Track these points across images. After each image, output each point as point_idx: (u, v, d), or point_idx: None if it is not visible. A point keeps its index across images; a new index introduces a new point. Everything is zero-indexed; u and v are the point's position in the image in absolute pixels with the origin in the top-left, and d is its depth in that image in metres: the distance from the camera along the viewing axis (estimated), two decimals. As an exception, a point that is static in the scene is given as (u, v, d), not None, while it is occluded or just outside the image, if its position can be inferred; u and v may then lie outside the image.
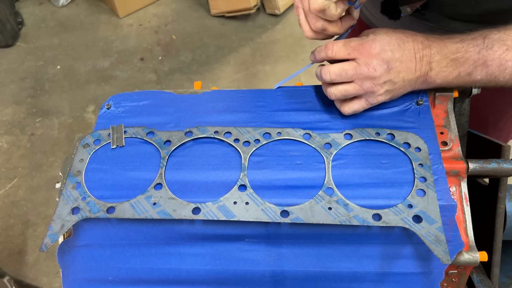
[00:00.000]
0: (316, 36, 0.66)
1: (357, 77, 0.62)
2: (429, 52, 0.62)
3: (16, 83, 2.35)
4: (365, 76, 0.61)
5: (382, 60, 0.61)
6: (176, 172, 0.64)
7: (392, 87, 0.63)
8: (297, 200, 0.60)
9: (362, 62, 0.61)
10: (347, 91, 0.64)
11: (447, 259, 0.54)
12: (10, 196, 1.91)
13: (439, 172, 0.61)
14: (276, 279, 0.62)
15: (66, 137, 2.11)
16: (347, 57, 0.62)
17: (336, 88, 0.64)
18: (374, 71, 0.61)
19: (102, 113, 0.74)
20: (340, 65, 0.63)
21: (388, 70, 0.61)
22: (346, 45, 0.62)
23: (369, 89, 0.62)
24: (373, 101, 0.64)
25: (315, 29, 0.64)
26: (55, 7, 2.75)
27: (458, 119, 0.73)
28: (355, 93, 0.64)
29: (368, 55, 0.61)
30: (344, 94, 0.64)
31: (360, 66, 0.61)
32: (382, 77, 0.61)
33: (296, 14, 0.67)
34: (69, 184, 0.64)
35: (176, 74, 2.36)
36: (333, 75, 0.63)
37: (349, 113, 0.66)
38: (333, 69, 0.63)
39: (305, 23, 0.65)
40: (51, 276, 1.69)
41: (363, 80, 0.62)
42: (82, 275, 0.63)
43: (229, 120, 0.70)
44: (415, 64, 0.62)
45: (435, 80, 0.63)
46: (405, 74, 0.62)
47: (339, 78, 0.63)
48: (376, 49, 0.61)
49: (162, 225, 0.62)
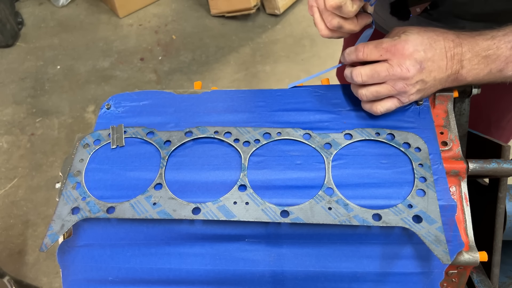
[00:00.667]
0: (331, 35, 0.65)
1: (389, 78, 0.61)
2: (460, 50, 0.62)
3: (16, 83, 2.35)
4: (398, 77, 0.61)
5: (415, 61, 0.60)
6: (176, 172, 0.64)
7: (423, 86, 0.63)
8: (297, 200, 0.60)
9: (395, 63, 0.61)
10: (379, 92, 0.63)
11: (447, 259, 0.54)
12: (10, 196, 1.91)
13: (439, 172, 0.61)
14: (276, 279, 0.62)
15: (66, 137, 2.11)
16: (379, 58, 0.62)
17: (367, 90, 0.64)
18: (407, 72, 0.60)
19: (102, 113, 0.74)
20: (372, 67, 0.62)
21: (421, 70, 0.61)
22: (378, 46, 0.62)
23: (401, 90, 0.62)
24: (405, 100, 0.64)
25: (331, 27, 0.64)
26: (55, 7, 2.75)
27: (458, 119, 0.73)
28: (387, 94, 0.63)
29: (401, 56, 0.60)
30: (375, 95, 0.64)
31: (393, 67, 0.61)
32: (414, 77, 0.61)
33: (310, 14, 0.66)
34: (69, 184, 0.64)
35: (176, 74, 2.36)
36: (365, 77, 0.63)
37: (382, 112, 0.65)
38: (365, 71, 0.63)
39: (320, 22, 0.64)
40: (51, 276, 1.69)
41: (396, 81, 0.61)
42: (82, 275, 0.63)
43: (229, 120, 0.70)
44: (446, 62, 0.62)
45: (466, 78, 0.63)
46: (436, 73, 0.62)
47: (371, 80, 0.63)
48: (409, 50, 0.60)
49: (162, 225, 0.62)
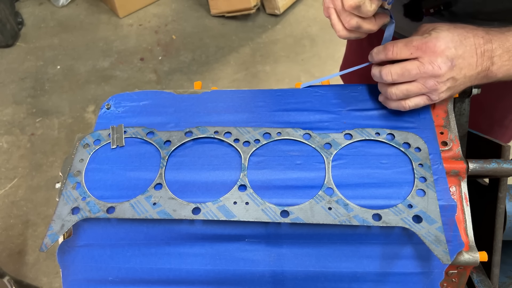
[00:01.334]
0: (349, 35, 0.65)
1: (420, 76, 0.61)
2: (490, 47, 0.61)
3: (16, 83, 2.35)
4: (429, 75, 0.60)
5: (446, 58, 0.60)
6: (176, 172, 0.64)
7: (453, 84, 0.62)
8: (297, 200, 0.60)
9: (426, 61, 0.60)
10: (409, 90, 0.62)
11: (447, 259, 0.54)
12: (10, 196, 1.91)
13: (439, 172, 0.61)
14: (276, 279, 0.62)
15: (66, 137, 2.11)
16: (409, 56, 0.61)
17: (397, 88, 0.63)
18: (438, 69, 0.60)
19: (102, 113, 0.74)
20: (402, 65, 0.61)
21: (452, 67, 0.60)
22: (408, 44, 0.61)
23: (432, 87, 0.61)
24: (435, 98, 0.63)
25: (349, 27, 0.63)
26: (55, 7, 2.75)
27: (458, 119, 0.73)
28: (417, 92, 0.62)
29: (432, 53, 0.60)
30: (406, 94, 0.63)
31: (424, 65, 0.60)
32: (445, 74, 0.60)
33: (325, 16, 0.66)
34: (69, 184, 0.64)
35: (176, 74, 2.36)
36: (395, 76, 0.62)
37: (411, 107, 0.65)
38: (395, 70, 0.62)
39: (338, 22, 0.64)
40: (51, 276, 1.69)
41: (427, 79, 0.61)
42: (82, 275, 0.63)
43: (229, 120, 0.70)
44: (476, 59, 0.61)
45: (496, 75, 0.62)
46: (466, 70, 0.61)
47: (401, 79, 0.62)
48: (441, 47, 0.60)
49: (162, 225, 0.62)
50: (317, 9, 2.64)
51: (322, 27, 2.54)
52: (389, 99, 0.66)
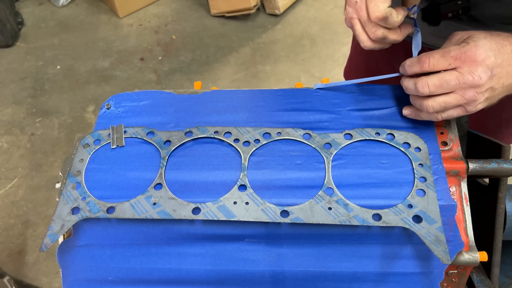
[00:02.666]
0: (374, 46, 0.64)
1: (459, 87, 0.58)
2: None
3: (16, 83, 2.35)
4: (469, 85, 0.58)
5: (486, 67, 0.57)
6: (176, 172, 0.64)
7: (492, 94, 0.60)
8: (297, 200, 0.60)
9: (466, 71, 0.57)
10: (446, 102, 0.59)
11: (447, 259, 0.54)
12: (10, 196, 1.91)
13: (439, 172, 0.61)
14: (276, 279, 0.62)
15: (66, 137, 2.11)
16: (447, 67, 0.59)
17: (434, 101, 0.60)
18: (479, 79, 0.57)
19: (102, 113, 0.74)
20: (440, 76, 0.59)
21: (491, 77, 0.58)
22: (445, 55, 0.59)
23: (471, 98, 0.58)
24: (472, 110, 0.60)
25: (375, 38, 0.62)
26: (55, 7, 2.75)
27: (458, 119, 0.73)
28: (455, 104, 0.59)
29: (472, 63, 0.57)
30: (443, 107, 0.60)
31: (463, 75, 0.57)
32: (485, 84, 0.58)
33: (347, 26, 0.65)
34: (69, 184, 0.64)
35: (176, 74, 2.36)
36: (432, 88, 0.59)
37: (443, 119, 0.62)
38: (432, 81, 0.59)
39: (362, 33, 0.63)
40: (51, 276, 1.69)
41: (466, 90, 0.58)
42: (82, 275, 0.63)
43: (229, 120, 0.70)
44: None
45: None
46: (505, 79, 0.59)
47: (439, 90, 0.59)
48: (481, 56, 0.57)
49: (162, 225, 0.62)
50: (317, 9, 2.64)
51: (322, 27, 2.54)
52: (424, 112, 0.64)
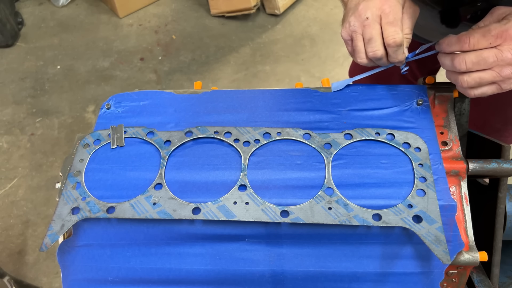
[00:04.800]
0: (368, 63, 0.66)
1: (497, 64, 0.58)
2: None
3: (16, 83, 2.35)
4: (507, 63, 0.58)
5: None
6: (176, 172, 0.64)
7: None
8: (297, 200, 0.60)
9: (506, 49, 0.57)
10: (482, 78, 0.59)
11: (447, 259, 0.54)
12: (10, 196, 1.91)
13: (439, 172, 0.61)
14: (276, 279, 0.62)
15: (66, 137, 2.11)
16: (488, 47, 0.58)
17: (469, 76, 0.60)
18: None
19: (102, 113, 0.74)
20: (478, 53, 0.58)
21: None
22: (486, 35, 0.58)
23: (507, 76, 0.58)
24: (506, 88, 0.60)
25: (373, 57, 0.64)
26: (55, 7, 2.75)
27: (458, 119, 0.73)
28: (491, 80, 0.59)
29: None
30: (478, 82, 0.60)
31: (502, 53, 0.57)
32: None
33: (345, 38, 0.66)
34: (69, 184, 0.64)
35: (176, 74, 2.35)
36: (470, 65, 0.59)
37: (476, 96, 0.62)
38: (470, 58, 0.59)
39: (363, 49, 0.64)
40: (51, 276, 1.69)
41: (503, 67, 0.58)
42: (82, 275, 0.63)
43: (229, 120, 0.70)
44: None
45: None
46: None
47: (476, 67, 0.59)
48: None
49: (162, 225, 0.62)
50: (317, 9, 2.64)
51: (322, 27, 2.54)
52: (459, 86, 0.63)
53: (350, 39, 0.66)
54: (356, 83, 0.74)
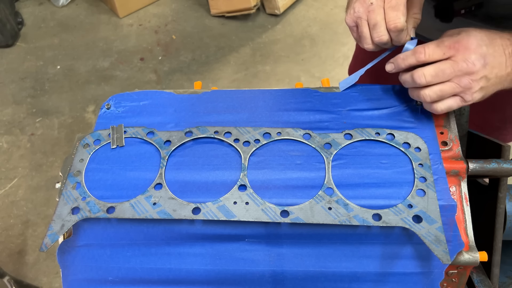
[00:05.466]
0: (375, 48, 0.67)
1: (454, 75, 0.60)
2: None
3: (16, 83, 2.35)
4: (464, 73, 0.60)
5: (479, 55, 0.59)
6: (176, 172, 0.64)
7: (486, 84, 0.61)
8: (297, 200, 0.60)
9: (460, 59, 0.60)
10: (443, 91, 0.61)
11: (447, 259, 0.54)
12: (10, 196, 1.91)
13: (439, 172, 0.61)
14: (276, 279, 0.62)
15: (66, 137, 2.11)
16: (442, 57, 0.61)
17: (431, 90, 0.62)
18: (473, 66, 0.59)
19: (102, 113, 0.74)
20: (436, 66, 0.61)
21: (485, 65, 0.60)
22: (440, 45, 0.61)
23: (466, 86, 0.60)
24: (468, 99, 0.62)
25: (379, 42, 0.64)
26: (55, 7, 2.75)
27: (458, 119, 0.73)
28: (451, 92, 0.61)
29: (465, 51, 0.60)
30: (440, 95, 0.62)
31: (457, 63, 0.60)
32: (479, 72, 0.60)
33: (349, 24, 0.66)
34: (69, 184, 0.64)
35: (176, 74, 2.35)
36: (429, 77, 0.61)
37: (443, 111, 0.64)
38: (428, 71, 0.61)
39: (368, 35, 0.65)
40: (51, 276, 1.69)
41: (461, 77, 0.60)
42: (82, 275, 0.63)
43: (229, 120, 0.70)
44: (505, 59, 0.61)
45: None
46: (498, 70, 0.61)
47: (435, 79, 0.61)
48: (474, 44, 0.59)
49: (162, 225, 0.62)
50: (317, 9, 2.64)
51: (322, 27, 2.54)
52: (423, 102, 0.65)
53: (355, 26, 0.66)
54: (356, 83, 0.74)
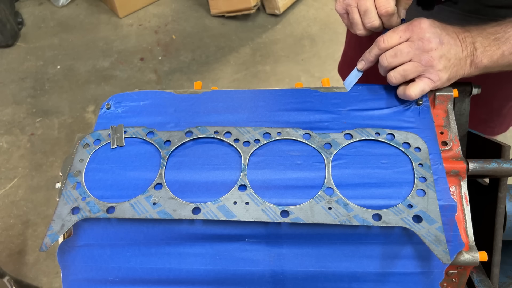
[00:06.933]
0: (367, 33, 0.70)
1: (413, 54, 0.64)
2: (469, 34, 0.65)
3: (16, 83, 2.35)
4: (421, 50, 0.64)
5: (433, 34, 0.63)
6: (176, 172, 0.64)
7: (448, 63, 0.64)
8: (297, 200, 0.60)
9: (416, 38, 0.64)
10: (405, 70, 0.66)
11: (447, 259, 0.54)
12: (10, 196, 1.91)
13: (439, 172, 0.61)
14: (276, 279, 0.62)
15: (66, 137, 2.11)
16: (399, 40, 0.65)
17: (395, 71, 0.67)
18: (429, 43, 0.63)
19: (102, 113, 0.74)
20: (395, 48, 0.66)
21: (441, 43, 0.63)
22: (395, 30, 0.66)
23: (428, 63, 0.64)
24: (435, 78, 0.65)
25: (371, 27, 0.67)
26: (55, 7, 2.75)
27: (458, 119, 0.73)
28: (414, 70, 0.65)
29: (419, 30, 0.64)
30: (403, 75, 0.66)
31: (414, 42, 0.64)
32: (437, 49, 0.63)
33: (339, 11, 0.69)
34: (69, 184, 0.64)
35: (176, 74, 2.35)
36: (389, 58, 0.66)
37: (417, 95, 0.66)
38: (389, 53, 0.66)
39: (359, 21, 0.68)
40: (51, 276, 1.69)
41: (420, 55, 0.64)
42: (82, 275, 0.63)
43: (229, 120, 0.70)
44: (460, 43, 0.64)
45: (481, 60, 0.65)
46: (455, 50, 0.64)
47: (396, 60, 0.66)
48: (426, 24, 0.64)
49: (162, 225, 0.62)
50: (317, 9, 2.64)
51: (322, 27, 2.54)
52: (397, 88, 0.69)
53: (345, 13, 0.69)
54: (356, 83, 0.74)
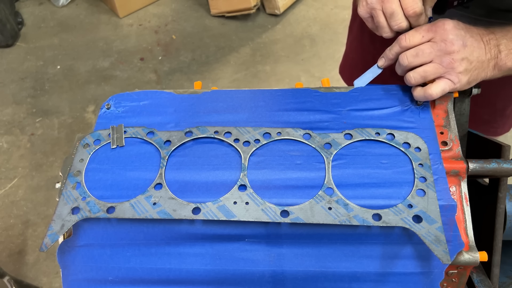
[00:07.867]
0: (393, 35, 0.69)
1: (435, 55, 0.63)
2: (494, 36, 0.64)
3: (16, 83, 2.35)
4: (443, 52, 0.63)
5: (457, 36, 0.62)
6: (176, 172, 0.64)
7: (469, 66, 0.63)
8: (297, 200, 0.60)
9: (438, 39, 0.63)
10: (426, 71, 0.64)
11: (447, 259, 0.54)
12: (10, 196, 1.91)
13: (439, 172, 0.61)
14: (276, 279, 0.62)
15: (66, 137, 2.11)
16: (421, 40, 0.64)
17: (415, 71, 0.65)
18: (451, 45, 0.62)
19: (102, 113, 0.74)
20: (416, 47, 0.64)
21: (464, 46, 0.62)
22: (418, 30, 0.65)
23: (448, 65, 0.63)
24: (455, 79, 0.64)
25: (399, 29, 0.67)
26: (55, 7, 2.75)
27: (458, 119, 0.73)
28: (434, 72, 0.64)
29: (443, 32, 0.63)
30: (423, 76, 0.65)
31: (436, 43, 0.63)
32: (459, 52, 0.62)
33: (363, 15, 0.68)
34: (69, 184, 0.64)
35: (176, 74, 2.35)
36: (410, 58, 0.65)
37: (438, 95, 0.65)
38: (410, 52, 0.65)
39: (386, 24, 0.67)
40: (51, 276, 1.69)
41: (442, 57, 0.63)
42: (82, 275, 0.63)
43: (229, 120, 0.70)
44: (484, 46, 0.64)
45: (506, 63, 0.64)
46: (478, 53, 0.63)
47: (417, 60, 0.64)
48: (450, 25, 0.63)
49: (162, 225, 0.62)
50: (317, 9, 2.64)
51: (322, 27, 2.54)
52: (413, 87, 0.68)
53: (370, 16, 0.69)
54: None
